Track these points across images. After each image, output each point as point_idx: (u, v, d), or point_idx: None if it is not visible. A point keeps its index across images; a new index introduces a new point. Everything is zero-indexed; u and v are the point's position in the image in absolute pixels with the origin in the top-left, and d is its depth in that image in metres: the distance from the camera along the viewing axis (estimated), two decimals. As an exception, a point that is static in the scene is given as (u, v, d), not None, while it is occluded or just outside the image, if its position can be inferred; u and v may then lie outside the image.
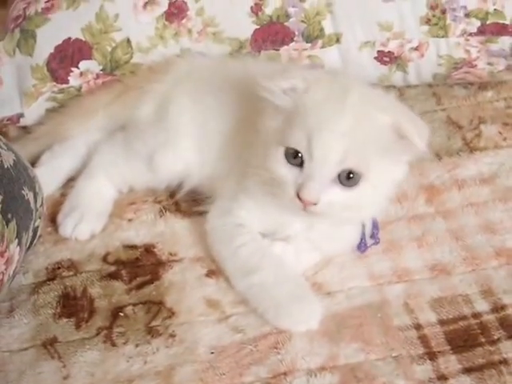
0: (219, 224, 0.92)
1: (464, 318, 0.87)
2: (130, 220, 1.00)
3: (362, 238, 0.92)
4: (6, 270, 0.83)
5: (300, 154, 0.81)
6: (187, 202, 1.01)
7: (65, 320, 0.88)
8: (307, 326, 0.86)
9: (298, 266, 0.91)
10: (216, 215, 0.93)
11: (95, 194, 1.00)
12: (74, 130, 1.05)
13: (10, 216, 0.83)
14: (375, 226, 0.92)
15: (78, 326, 0.87)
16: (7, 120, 1.09)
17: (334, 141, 0.80)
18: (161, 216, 1.00)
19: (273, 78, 0.83)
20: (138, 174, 1.01)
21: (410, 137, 0.81)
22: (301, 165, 0.81)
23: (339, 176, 0.81)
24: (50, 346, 0.85)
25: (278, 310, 0.86)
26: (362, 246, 0.92)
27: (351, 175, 0.81)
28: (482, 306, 0.88)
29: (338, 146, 0.80)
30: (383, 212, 0.92)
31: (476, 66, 1.12)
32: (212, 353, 0.84)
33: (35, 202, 0.90)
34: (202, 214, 0.97)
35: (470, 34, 1.09)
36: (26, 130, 1.11)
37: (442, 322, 0.86)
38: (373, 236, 0.93)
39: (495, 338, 0.84)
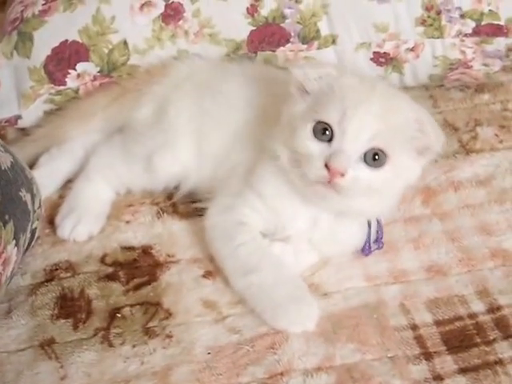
0: (219, 221, 0.92)
1: (460, 318, 0.87)
2: (127, 222, 1.00)
3: (367, 241, 0.92)
4: (3, 270, 0.83)
5: (328, 131, 0.84)
6: (185, 204, 1.01)
7: (62, 321, 0.88)
8: (303, 327, 0.86)
9: (297, 267, 0.92)
10: (216, 212, 0.93)
11: (93, 196, 1.00)
12: (72, 132, 1.05)
13: (7, 217, 0.83)
14: (380, 228, 0.93)
15: (75, 327, 0.88)
16: (5, 122, 1.10)
17: (368, 118, 0.84)
18: (158, 218, 1.00)
19: (303, 67, 0.88)
20: (135, 176, 1.01)
21: (429, 135, 0.85)
22: (329, 140, 0.84)
23: (365, 156, 0.84)
24: (47, 346, 0.86)
25: (275, 311, 0.86)
26: (366, 249, 0.93)
27: (377, 157, 0.84)
28: (477, 306, 0.88)
29: (371, 124, 0.84)
30: (390, 213, 0.93)
31: (472, 66, 1.12)
32: (209, 353, 0.84)
33: (33, 203, 0.90)
34: (199, 215, 0.97)
35: (466, 35, 1.09)
36: (23, 132, 1.11)
37: (437, 323, 0.87)
38: (377, 240, 0.93)
39: (491, 338, 0.84)
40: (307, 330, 0.86)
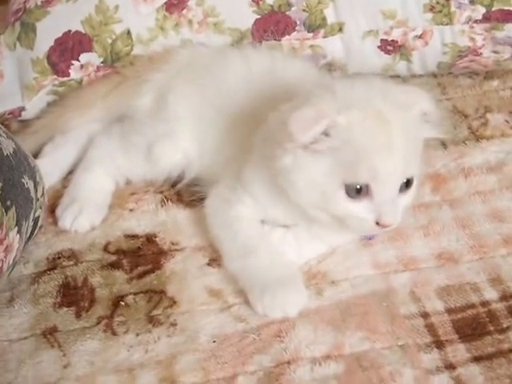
0: (218, 210, 0.91)
1: (472, 306, 0.85)
2: (131, 210, 0.99)
3: None
4: (5, 257, 0.82)
5: (363, 188, 0.81)
6: (189, 192, 0.99)
7: (65, 309, 0.87)
8: (284, 313, 0.84)
9: (300, 257, 0.90)
10: (216, 200, 0.92)
11: (94, 187, 0.99)
12: (72, 122, 1.04)
13: (9, 203, 0.82)
14: None
15: (78, 315, 0.86)
16: (9, 114, 1.09)
17: (397, 160, 0.81)
18: (162, 206, 0.99)
19: (297, 111, 0.79)
20: (135, 167, 1.00)
21: (426, 109, 0.83)
22: (365, 194, 0.82)
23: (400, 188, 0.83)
24: (49, 335, 0.85)
25: (262, 292, 0.84)
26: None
27: (408, 181, 0.83)
28: (490, 294, 0.86)
29: (401, 163, 0.81)
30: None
31: (481, 54, 1.10)
32: (214, 342, 0.83)
33: (35, 191, 0.89)
34: (203, 203, 0.95)
35: (475, 21, 1.08)
36: (25, 123, 1.10)
37: (449, 311, 0.84)
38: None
39: (504, 326, 0.82)
40: (287, 316, 0.83)
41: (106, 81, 1.06)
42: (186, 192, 1.00)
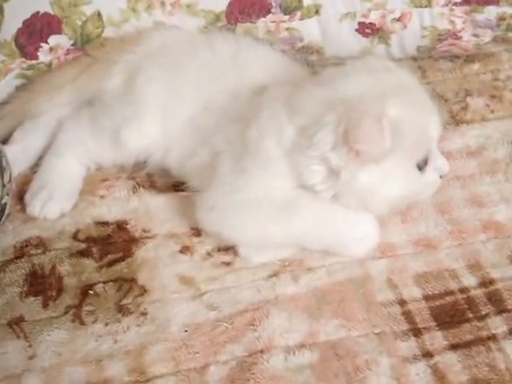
0: (227, 202, 0.87)
1: (451, 293, 0.83)
2: (102, 197, 0.97)
3: None
4: (-32, 243, 0.80)
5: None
6: (162, 178, 0.98)
7: (32, 298, 0.85)
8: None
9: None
10: (220, 193, 0.87)
11: (63, 172, 0.97)
12: (41, 106, 1.01)
13: (-29, 189, 0.81)
14: None
15: (45, 305, 0.85)
16: (-24, 98, 1.07)
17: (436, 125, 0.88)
18: (134, 192, 0.97)
19: (353, 130, 0.80)
20: (104, 150, 0.98)
21: None
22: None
23: None
24: (15, 325, 0.83)
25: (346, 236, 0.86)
26: None
27: None
28: (469, 280, 0.84)
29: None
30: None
31: (461, 37, 1.08)
32: (185, 331, 0.81)
33: (2, 177, 0.87)
34: (177, 189, 0.94)
35: (455, 4, 1.05)
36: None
37: (427, 298, 0.83)
38: None
39: (483, 313, 0.81)
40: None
41: (75, 63, 1.03)
42: (159, 178, 0.98)
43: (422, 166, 0.86)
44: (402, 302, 0.83)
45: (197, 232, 0.92)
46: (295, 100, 0.86)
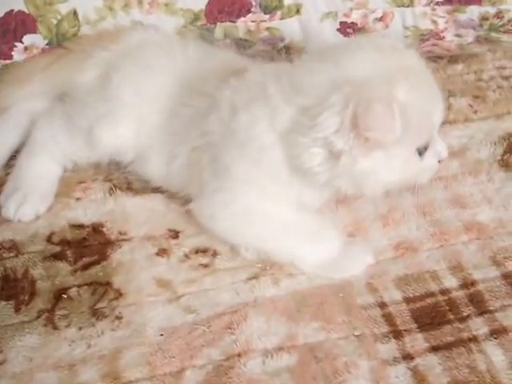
0: (228, 213, 0.85)
1: (431, 294, 0.82)
2: (78, 199, 0.95)
3: None
4: None
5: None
6: (140, 180, 0.96)
7: (3, 303, 0.83)
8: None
9: None
10: (219, 202, 0.86)
11: (38, 173, 0.94)
12: (10, 97, 0.99)
13: None
14: None
15: (17, 309, 0.83)
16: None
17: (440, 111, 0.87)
18: (111, 194, 0.95)
19: (364, 115, 0.77)
20: (78, 149, 0.95)
21: None
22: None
23: None
24: (-14, 330, 0.81)
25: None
26: None
27: None
28: (450, 282, 0.83)
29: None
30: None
31: (444, 37, 1.08)
32: (161, 335, 0.79)
33: (-26, 179, 0.86)
34: (154, 191, 0.93)
35: (437, 3, 1.06)
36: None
37: (407, 300, 0.82)
38: None
39: (464, 314, 0.80)
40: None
41: (47, 54, 1.01)
42: (136, 180, 0.96)
43: (421, 151, 0.85)
44: (383, 305, 0.82)
45: (174, 234, 0.90)
46: (294, 78, 0.82)
